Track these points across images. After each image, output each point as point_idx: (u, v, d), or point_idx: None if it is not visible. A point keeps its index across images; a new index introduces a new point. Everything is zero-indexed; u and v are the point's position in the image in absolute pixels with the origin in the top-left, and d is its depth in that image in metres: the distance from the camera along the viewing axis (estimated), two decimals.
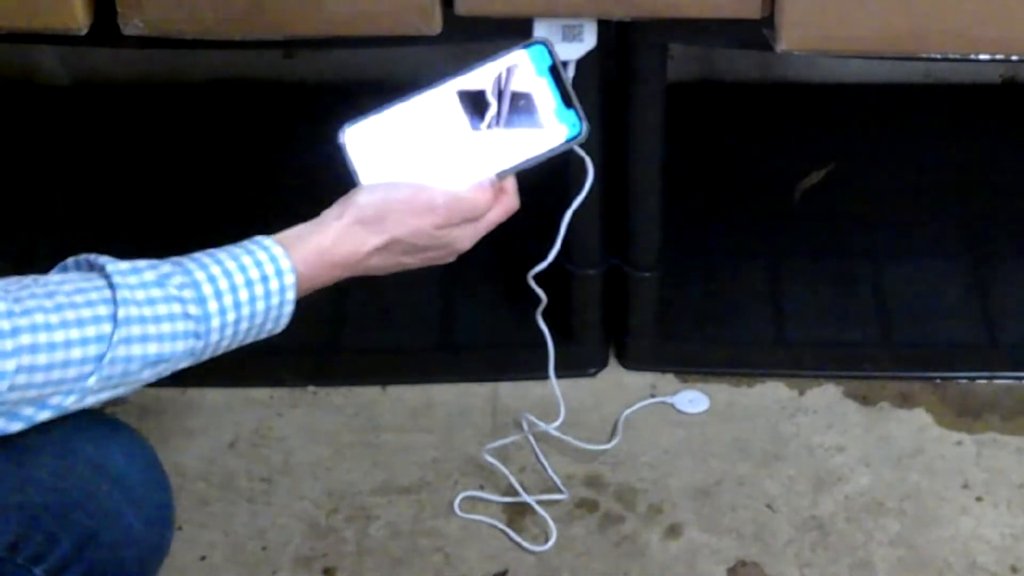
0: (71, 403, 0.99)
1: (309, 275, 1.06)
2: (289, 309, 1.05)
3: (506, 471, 1.60)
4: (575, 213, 1.48)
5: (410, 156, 1.10)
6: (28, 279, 1.00)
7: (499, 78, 1.11)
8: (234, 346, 1.05)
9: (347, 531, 1.56)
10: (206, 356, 1.04)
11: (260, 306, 1.03)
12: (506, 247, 1.80)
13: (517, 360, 1.70)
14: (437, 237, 1.09)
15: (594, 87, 1.48)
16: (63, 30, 1.35)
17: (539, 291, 1.52)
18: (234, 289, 1.01)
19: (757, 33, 1.38)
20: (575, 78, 1.43)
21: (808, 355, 1.73)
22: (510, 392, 1.70)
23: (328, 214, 1.08)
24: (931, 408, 1.67)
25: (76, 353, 0.97)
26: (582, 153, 1.44)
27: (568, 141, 1.12)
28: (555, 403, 1.62)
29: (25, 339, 0.95)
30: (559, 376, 1.61)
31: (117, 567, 1.06)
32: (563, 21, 1.39)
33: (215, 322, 1.01)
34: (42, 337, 0.96)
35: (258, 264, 1.03)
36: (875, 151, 1.96)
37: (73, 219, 1.89)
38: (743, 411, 1.67)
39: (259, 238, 1.06)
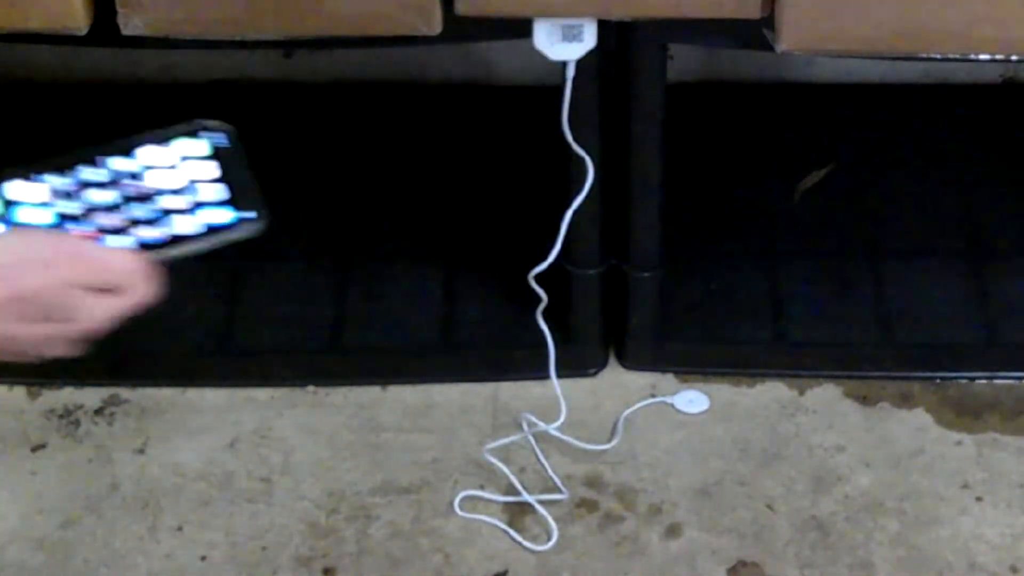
0: None
1: None
2: None
3: (506, 471, 1.60)
4: (575, 213, 1.48)
5: (69, 224, 0.93)
6: None
7: (170, 158, 0.99)
8: None
9: (347, 531, 1.56)
10: None
11: None
12: (506, 247, 1.82)
13: (517, 360, 1.70)
14: (72, 301, 0.85)
15: (594, 87, 1.48)
16: (63, 30, 1.35)
17: (539, 291, 1.53)
18: None
19: (757, 33, 1.38)
20: (575, 78, 1.44)
21: (808, 355, 1.73)
22: (510, 392, 1.70)
23: None
24: (931, 408, 1.67)
25: None
26: (582, 153, 1.44)
27: (237, 228, 0.94)
28: (555, 403, 1.63)
29: None
30: (559, 376, 1.62)
31: None
32: (563, 21, 1.38)
33: None
34: None
35: None
36: (875, 151, 1.96)
37: None
38: (743, 411, 1.67)
39: None
